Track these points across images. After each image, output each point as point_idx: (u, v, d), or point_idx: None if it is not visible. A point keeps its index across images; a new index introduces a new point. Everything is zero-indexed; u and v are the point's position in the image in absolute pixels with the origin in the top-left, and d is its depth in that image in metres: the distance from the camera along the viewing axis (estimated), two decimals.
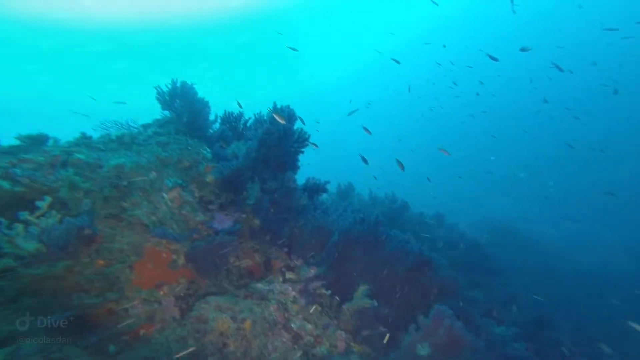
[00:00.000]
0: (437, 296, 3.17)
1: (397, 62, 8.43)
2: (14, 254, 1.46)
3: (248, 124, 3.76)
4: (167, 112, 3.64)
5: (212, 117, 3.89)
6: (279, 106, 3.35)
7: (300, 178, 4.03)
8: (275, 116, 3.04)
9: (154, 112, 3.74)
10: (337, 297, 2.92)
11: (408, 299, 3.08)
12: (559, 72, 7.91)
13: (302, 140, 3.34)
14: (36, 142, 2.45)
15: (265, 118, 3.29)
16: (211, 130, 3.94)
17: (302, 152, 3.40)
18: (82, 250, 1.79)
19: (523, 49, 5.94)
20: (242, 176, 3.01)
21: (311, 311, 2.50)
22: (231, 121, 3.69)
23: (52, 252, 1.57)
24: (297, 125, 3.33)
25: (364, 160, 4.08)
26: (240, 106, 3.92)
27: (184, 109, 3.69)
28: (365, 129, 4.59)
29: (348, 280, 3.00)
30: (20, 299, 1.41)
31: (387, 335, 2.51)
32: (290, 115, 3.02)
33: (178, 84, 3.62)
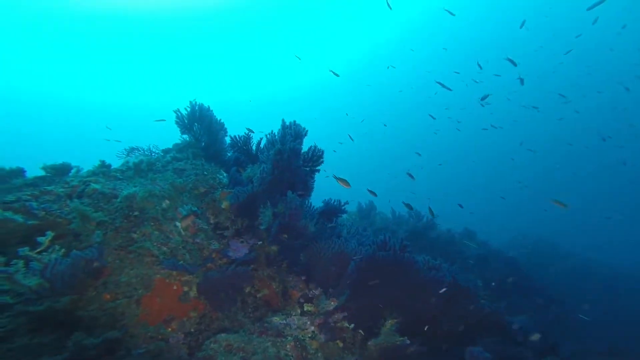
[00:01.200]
0: (477, 329, 2.81)
1: (393, 67, 8.26)
2: (13, 291, 1.41)
3: (261, 145, 3.69)
4: (185, 136, 3.66)
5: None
6: (287, 122, 3.26)
7: (321, 198, 3.88)
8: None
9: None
10: (360, 331, 2.65)
11: (443, 334, 2.75)
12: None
13: (315, 158, 3.21)
14: (60, 172, 2.49)
15: (276, 138, 3.20)
16: (229, 154, 3.92)
17: (318, 170, 3.25)
18: (90, 284, 1.72)
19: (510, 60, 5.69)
20: (257, 201, 2.90)
21: (330, 349, 2.26)
22: (240, 145, 3.64)
23: (56, 287, 1.50)
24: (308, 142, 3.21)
25: (372, 193, 3.92)
26: (252, 131, 3.88)
27: (202, 132, 3.70)
28: (410, 174, 4.47)
29: (372, 312, 2.73)
30: (13, 339, 1.33)
31: None
32: (296, 133, 2.90)
33: (197, 107, 3.65)
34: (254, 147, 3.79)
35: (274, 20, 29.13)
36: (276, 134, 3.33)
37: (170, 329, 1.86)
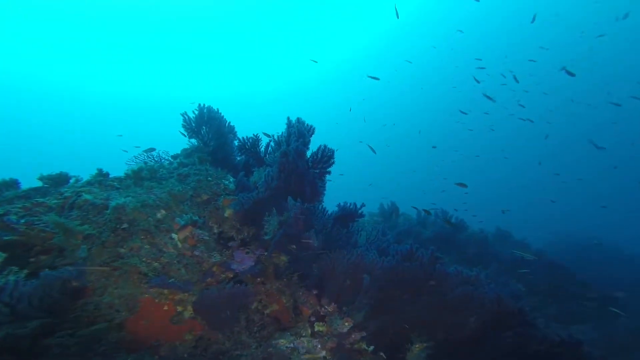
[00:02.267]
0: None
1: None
2: None
3: (270, 149, 3.43)
4: (193, 140, 3.50)
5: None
6: (293, 120, 2.97)
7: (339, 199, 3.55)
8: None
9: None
10: (382, 354, 2.30)
11: None
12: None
13: (325, 159, 2.89)
14: (57, 182, 2.37)
15: (282, 138, 2.92)
16: (238, 158, 3.70)
17: (329, 172, 2.93)
18: (68, 306, 1.53)
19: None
20: (262, 208, 2.63)
21: None
22: (248, 148, 3.40)
23: (21, 311, 1.31)
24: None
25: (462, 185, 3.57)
26: (268, 135, 3.63)
27: (210, 136, 3.52)
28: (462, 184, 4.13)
29: (396, 333, 2.36)
30: None
31: None
32: (299, 132, 2.60)
33: (205, 110, 3.48)
34: (262, 150, 3.55)
35: (278, 12, 29.20)
36: (283, 133, 3.06)
37: (156, 357, 1.63)
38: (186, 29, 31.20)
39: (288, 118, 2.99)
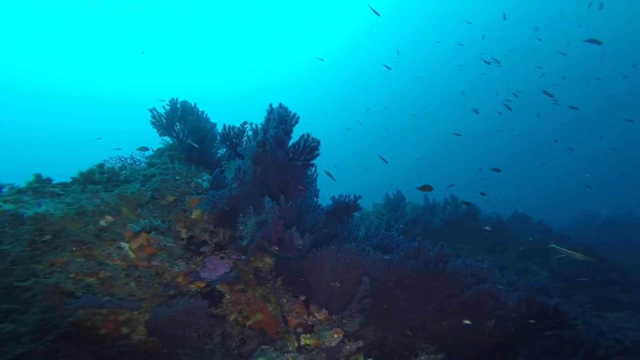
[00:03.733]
0: None
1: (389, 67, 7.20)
2: None
3: (246, 138, 3.07)
4: (166, 138, 3.18)
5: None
6: (275, 106, 2.59)
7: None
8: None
9: None
10: None
11: None
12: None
13: (308, 150, 2.50)
14: None
15: (260, 127, 2.55)
16: (219, 153, 3.37)
17: (312, 165, 2.55)
18: None
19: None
20: (236, 207, 2.28)
21: None
22: (232, 137, 3.05)
23: None
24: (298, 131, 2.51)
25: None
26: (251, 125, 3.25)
27: (186, 132, 3.19)
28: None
29: (399, 342, 1.98)
30: None
31: None
32: (281, 118, 2.23)
33: (178, 105, 3.14)
34: (243, 143, 3.20)
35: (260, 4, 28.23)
36: (261, 123, 2.69)
37: None
38: (163, 23, 30.72)
39: (270, 104, 2.62)
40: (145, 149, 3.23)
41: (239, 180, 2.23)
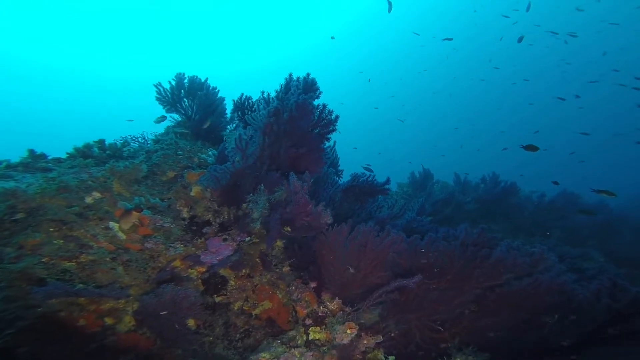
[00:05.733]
0: None
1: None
2: None
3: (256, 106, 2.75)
4: (175, 115, 2.97)
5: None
6: (295, 76, 2.25)
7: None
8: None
9: None
10: None
11: None
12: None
13: (326, 122, 2.15)
14: None
15: (273, 96, 2.23)
16: (229, 128, 3.11)
17: (328, 139, 2.20)
18: None
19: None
20: (240, 183, 2.01)
21: None
22: (245, 108, 2.75)
23: None
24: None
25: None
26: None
27: (195, 108, 2.96)
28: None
29: (426, 338, 1.65)
30: None
31: None
32: (308, 84, 1.91)
33: (185, 80, 2.90)
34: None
35: None
36: (275, 92, 2.36)
37: None
38: (165, 11, 30.03)
39: (290, 74, 2.29)
40: (163, 118, 3.07)
41: (241, 152, 1.95)
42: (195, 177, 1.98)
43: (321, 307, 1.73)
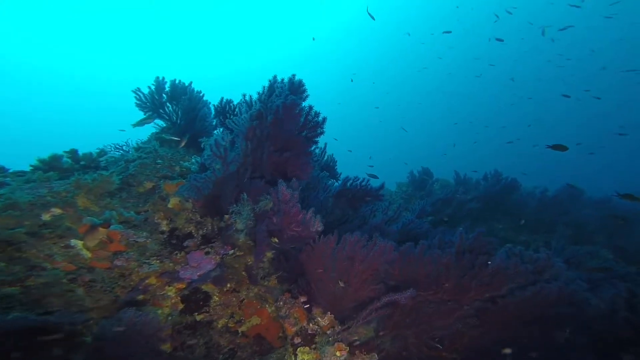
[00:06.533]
0: None
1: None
2: None
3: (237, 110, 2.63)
4: (160, 121, 2.84)
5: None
6: (280, 78, 2.12)
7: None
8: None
9: None
10: None
11: None
12: None
13: (313, 124, 2.01)
14: None
15: (256, 98, 2.10)
16: (215, 134, 2.98)
17: (316, 142, 2.05)
18: None
19: None
20: (222, 193, 1.88)
21: None
22: (227, 112, 2.62)
23: None
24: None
25: None
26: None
27: (179, 114, 2.83)
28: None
29: (426, 356, 1.51)
30: None
31: None
32: (293, 86, 1.79)
33: (167, 85, 2.77)
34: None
35: None
36: (257, 94, 2.22)
37: None
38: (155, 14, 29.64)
39: (274, 76, 2.16)
40: (148, 120, 2.92)
41: (221, 159, 1.82)
42: (173, 188, 1.85)
43: (311, 325, 1.58)
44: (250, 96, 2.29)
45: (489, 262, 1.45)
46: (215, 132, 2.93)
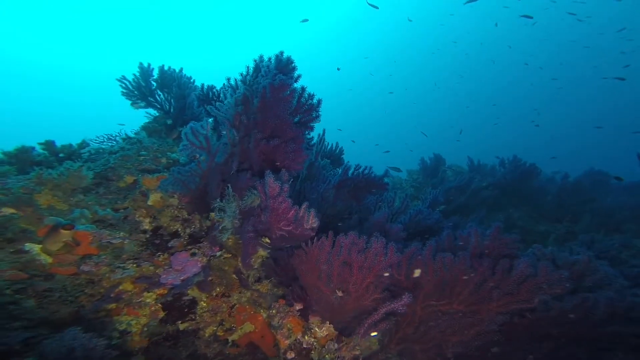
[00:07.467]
0: None
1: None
2: None
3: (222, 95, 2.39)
4: (152, 111, 2.64)
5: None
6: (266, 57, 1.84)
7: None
8: None
9: None
10: None
11: None
12: None
13: (307, 108, 1.73)
14: None
15: (240, 81, 1.84)
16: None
17: (312, 128, 1.78)
18: None
19: None
20: (209, 188, 1.66)
21: None
22: (211, 100, 2.39)
23: None
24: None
25: None
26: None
27: (172, 102, 2.62)
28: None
29: None
30: None
31: None
32: (280, 64, 1.53)
33: (154, 72, 2.55)
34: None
35: None
36: (240, 75, 1.96)
37: None
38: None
39: (260, 55, 1.89)
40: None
41: (205, 150, 1.59)
42: (153, 183, 1.65)
43: (306, 337, 1.38)
44: (236, 79, 2.03)
45: (512, 267, 1.18)
46: (210, 120, 2.72)
